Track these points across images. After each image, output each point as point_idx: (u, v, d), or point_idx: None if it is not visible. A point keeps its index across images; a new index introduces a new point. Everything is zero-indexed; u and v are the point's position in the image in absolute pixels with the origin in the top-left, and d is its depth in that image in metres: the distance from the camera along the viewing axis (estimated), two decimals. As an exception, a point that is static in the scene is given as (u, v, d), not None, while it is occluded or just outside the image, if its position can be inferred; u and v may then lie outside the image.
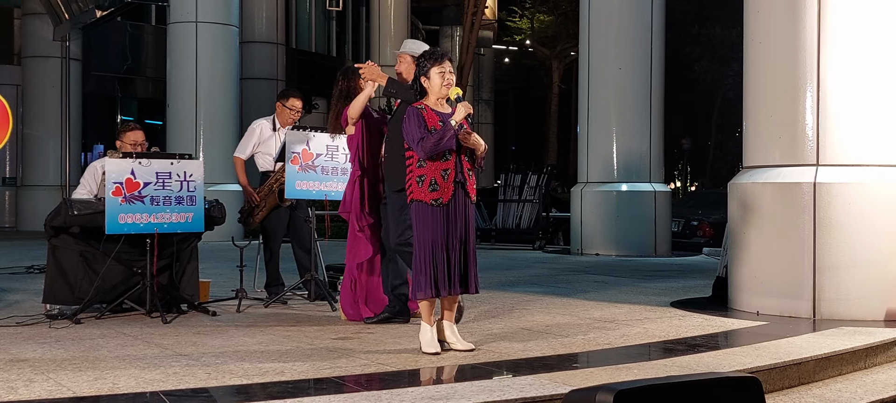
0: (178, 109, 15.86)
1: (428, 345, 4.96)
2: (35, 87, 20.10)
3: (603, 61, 13.16)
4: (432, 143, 4.86)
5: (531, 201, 15.72)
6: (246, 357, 4.85)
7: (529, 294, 7.89)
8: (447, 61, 5.08)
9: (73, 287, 6.28)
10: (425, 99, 5.07)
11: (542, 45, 33.07)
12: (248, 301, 6.98)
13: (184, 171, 6.26)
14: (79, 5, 18.84)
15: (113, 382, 4.22)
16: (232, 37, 16.22)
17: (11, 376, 4.30)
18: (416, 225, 4.99)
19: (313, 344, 5.28)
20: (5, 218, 21.27)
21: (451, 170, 4.96)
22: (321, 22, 27.14)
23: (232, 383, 4.27)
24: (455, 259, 4.96)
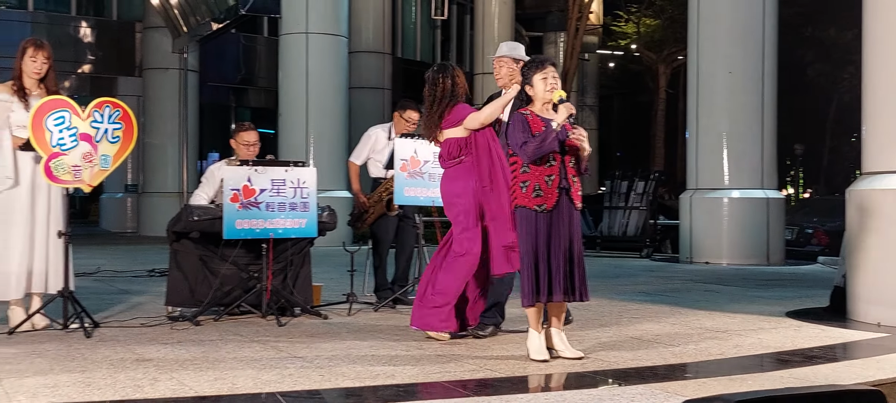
0: (289, 118, 16.28)
1: (536, 352, 4.97)
2: (155, 98, 20.96)
3: (712, 65, 12.90)
4: (535, 146, 4.86)
5: (638, 208, 15.52)
6: (357, 361, 4.95)
7: (638, 302, 7.80)
8: (549, 66, 5.06)
9: (193, 290, 6.53)
10: (530, 105, 5.07)
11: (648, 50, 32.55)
12: (359, 305, 7.11)
13: (297, 178, 6.44)
14: (196, 18, 19.55)
15: (232, 382, 4.37)
16: (341, 47, 16.56)
17: (137, 375, 4.50)
18: (520, 230, 4.99)
19: (422, 349, 5.35)
20: (127, 224, 22.23)
21: (556, 175, 4.94)
22: (426, 31, 27.42)
23: (344, 385, 4.37)
24: (559, 266, 4.94)
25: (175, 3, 20.03)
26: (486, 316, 5.85)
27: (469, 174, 5.66)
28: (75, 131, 5.75)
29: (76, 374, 4.48)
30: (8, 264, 5.78)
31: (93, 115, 5.84)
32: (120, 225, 22.34)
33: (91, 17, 22.04)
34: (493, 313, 5.88)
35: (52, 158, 5.67)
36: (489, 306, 5.85)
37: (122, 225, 22.34)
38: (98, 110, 5.86)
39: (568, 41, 26.88)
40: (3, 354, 5.01)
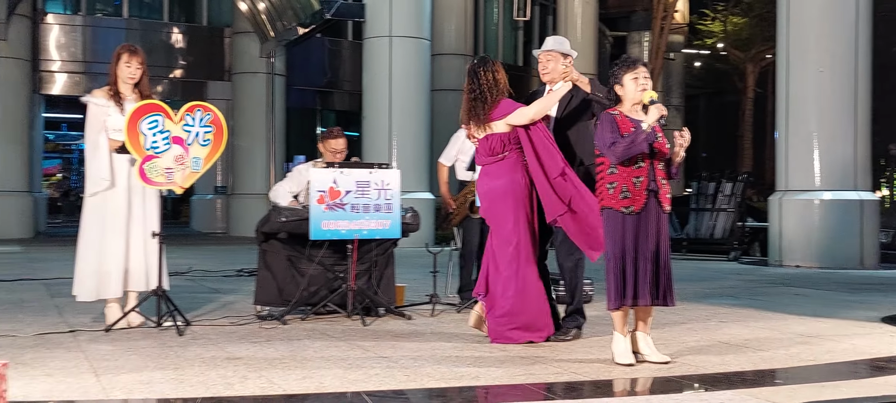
0: (373, 120, 16.46)
1: (621, 356, 4.92)
2: (243, 102, 21.44)
3: (802, 63, 12.58)
4: (624, 147, 4.79)
5: (726, 210, 15.23)
6: (442, 361, 4.98)
7: (725, 306, 7.66)
8: (640, 67, 4.99)
9: (281, 289, 6.66)
10: (619, 106, 5.01)
11: (735, 48, 31.90)
12: (442, 306, 7.15)
13: (381, 180, 6.51)
14: (283, 23, 19.91)
15: (319, 381, 4.44)
16: (424, 50, 16.67)
17: (228, 373, 4.61)
18: (607, 233, 4.94)
19: (506, 351, 5.35)
20: (217, 224, 22.77)
21: (644, 177, 4.87)
22: (508, 32, 27.37)
23: (429, 386, 4.40)
24: (646, 269, 4.88)
25: (263, 8, 20.44)
26: (567, 320, 5.81)
27: (514, 170, 5.59)
28: (168, 134, 5.92)
29: (169, 371, 4.62)
30: (107, 263, 5.99)
31: (184, 119, 6.01)
32: (210, 226, 22.90)
33: (182, 23, 22.64)
34: (574, 316, 5.83)
35: (145, 161, 5.85)
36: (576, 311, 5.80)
37: (211, 225, 22.89)
38: (190, 114, 6.03)
39: (653, 40, 26.53)
40: (100, 351, 5.19)
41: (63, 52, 20.63)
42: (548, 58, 5.76)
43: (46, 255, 13.35)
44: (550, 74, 5.74)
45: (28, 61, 19.37)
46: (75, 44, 20.68)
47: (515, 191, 5.59)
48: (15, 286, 8.83)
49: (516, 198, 5.59)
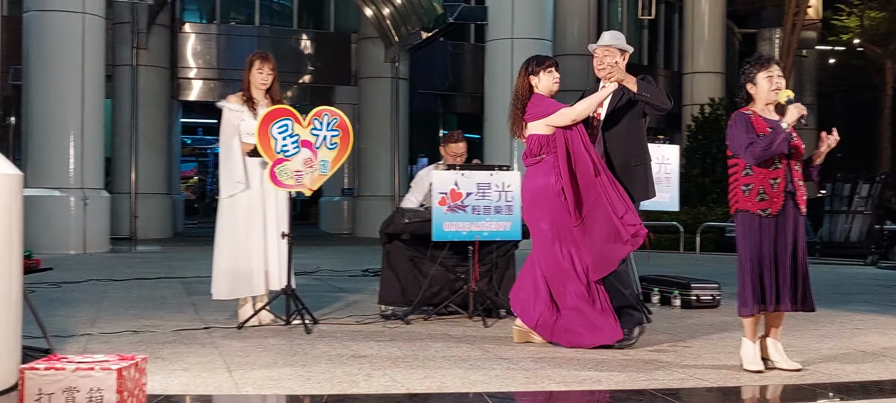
0: (494, 123, 16.51)
1: (750, 363, 4.79)
2: (369, 106, 21.87)
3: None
4: (762, 147, 4.65)
5: (862, 212, 14.60)
6: (563, 364, 4.97)
7: (862, 313, 7.35)
8: (774, 65, 4.84)
9: (404, 289, 6.77)
10: (752, 105, 4.88)
11: (872, 44, 30.53)
12: (564, 309, 7.10)
13: (502, 182, 6.54)
14: (407, 28, 20.21)
15: (441, 381, 4.50)
16: (545, 51, 16.59)
17: (353, 370, 4.73)
18: (741, 236, 4.81)
19: (628, 355, 5.29)
20: (344, 226, 23.30)
21: (782, 178, 4.74)
22: (633, 31, 26.96)
23: (550, 388, 4.39)
24: (786, 273, 4.73)
25: (387, 13, 20.79)
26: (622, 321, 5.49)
27: (549, 173, 5.47)
28: (297, 138, 6.11)
29: (297, 368, 4.77)
30: (246, 263, 6.22)
31: (313, 123, 6.19)
32: (337, 227, 23.43)
33: (311, 30, 23.26)
34: (627, 314, 5.50)
35: (276, 164, 6.06)
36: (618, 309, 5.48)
37: (338, 226, 23.43)
38: (317, 118, 6.21)
39: (784, 37, 25.67)
40: (233, 347, 5.40)
41: (199, 59, 21.51)
42: (604, 53, 5.63)
43: (184, 255, 13.97)
44: (605, 70, 5.59)
45: (167, 69, 20.29)
46: (210, 51, 21.53)
47: (548, 197, 5.48)
48: (155, 284, 9.27)
49: (549, 202, 5.48)
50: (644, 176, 5.61)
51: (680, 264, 12.78)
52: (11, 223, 4.03)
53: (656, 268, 10.12)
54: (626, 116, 5.58)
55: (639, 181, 5.59)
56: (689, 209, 17.99)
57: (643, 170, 5.62)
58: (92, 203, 14.19)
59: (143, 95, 19.36)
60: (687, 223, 17.17)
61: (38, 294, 7.53)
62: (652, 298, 7.81)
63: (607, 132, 5.61)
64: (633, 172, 5.55)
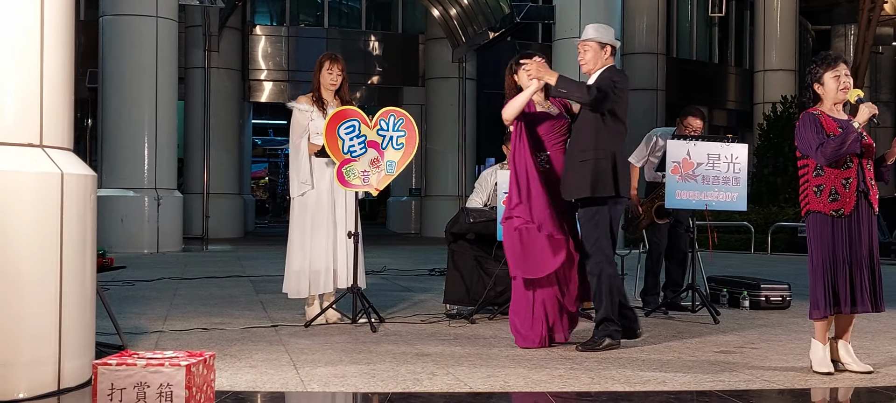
0: (562, 122, 16.40)
1: (820, 364, 4.70)
2: (436, 106, 21.96)
3: None
4: (834, 147, 4.57)
5: (942, 213, 14.16)
6: (627, 365, 4.93)
7: (939, 315, 7.13)
8: (841, 64, 4.75)
9: (469, 289, 6.79)
10: (820, 104, 4.79)
11: (954, 39, 29.58)
12: (629, 309, 7.05)
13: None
14: (474, 28, 20.24)
15: (504, 380, 4.51)
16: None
17: (417, 369, 4.77)
18: (813, 237, 4.72)
19: (694, 356, 5.23)
20: (411, 225, 23.44)
21: (853, 178, 4.64)
22: (703, 29, 26.56)
23: (614, 389, 4.37)
24: (862, 275, 4.64)
25: (454, 14, 20.85)
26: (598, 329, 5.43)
27: None
28: (364, 139, 6.18)
29: (362, 365, 4.83)
30: (314, 262, 6.30)
31: (379, 124, 6.25)
32: (404, 227, 23.58)
33: (379, 31, 23.45)
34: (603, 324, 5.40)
35: (344, 164, 6.13)
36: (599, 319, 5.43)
37: (406, 226, 23.57)
38: (384, 119, 6.27)
39: (859, 34, 25.01)
40: (300, 345, 5.49)
41: (269, 61, 21.86)
42: (584, 47, 5.59)
43: (254, 254, 14.21)
44: (588, 65, 5.57)
45: (238, 71, 20.66)
46: (280, 53, 21.86)
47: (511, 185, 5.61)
48: (225, 282, 9.45)
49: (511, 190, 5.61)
50: (588, 172, 5.37)
51: (750, 264, 12.56)
52: (86, 222, 4.17)
53: (725, 269, 9.98)
54: (583, 111, 5.49)
55: (579, 175, 5.39)
56: (760, 209, 17.66)
57: (588, 166, 5.38)
58: (165, 203, 14.54)
59: (214, 97, 19.75)
60: (758, 223, 16.87)
61: (111, 291, 7.75)
62: (720, 299, 7.70)
63: (573, 126, 5.61)
64: (576, 167, 5.42)
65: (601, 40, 5.56)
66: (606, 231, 5.43)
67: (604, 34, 5.59)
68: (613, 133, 5.46)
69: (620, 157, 5.50)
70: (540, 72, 5.42)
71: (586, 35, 5.63)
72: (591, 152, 5.39)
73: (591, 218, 5.45)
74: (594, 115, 5.42)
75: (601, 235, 5.41)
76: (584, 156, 5.40)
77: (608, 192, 5.39)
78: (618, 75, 5.53)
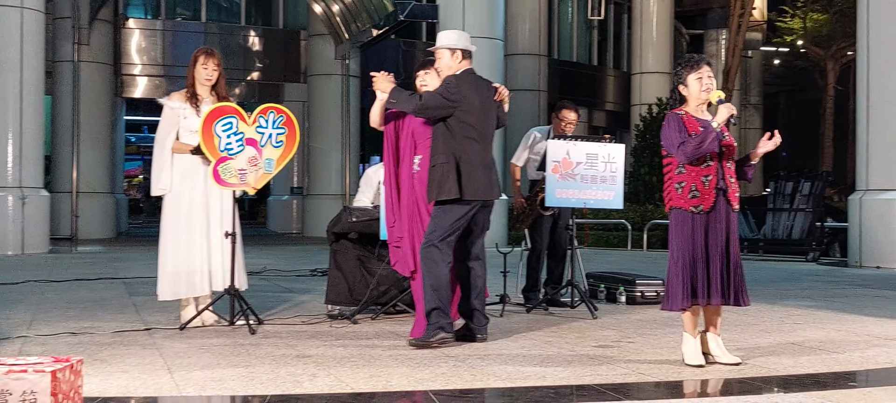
0: (445, 121, 16.49)
1: (691, 357, 4.85)
2: (318, 103, 21.73)
3: (884, 60, 12.22)
4: (694, 146, 4.74)
5: (804, 210, 14.89)
6: (509, 361, 4.98)
7: (801, 308, 7.49)
8: (704, 66, 4.93)
9: (351, 289, 6.73)
10: (684, 105, 4.96)
11: (815, 45, 31.17)
12: (511, 306, 7.14)
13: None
14: (357, 25, 20.13)
15: (387, 380, 4.48)
16: (497, 50, 16.66)
17: (297, 371, 4.68)
18: (675, 232, 4.89)
19: (574, 351, 5.32)
20: (293, 225, 23.14)
21: (713, 176, 4.82)
22: (583, 31, 27.19)
23: (496, 386, 4.40)
24: (716, 269, 4.81)
25: (337, 10, 20.69)
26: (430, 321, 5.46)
27: None
28: (242, 136, 6.03)
29: (240, 368, 4.71)
30: (189, 263, 6.12)
31: (258, 121, 6.11)
32: (286, 227, 23.26)
33: (259, 26, 23.06)
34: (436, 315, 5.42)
35: (220, 162, 5.97)
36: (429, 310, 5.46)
37: (287, 226, 23.26)
38: (263, 116, 6.14)
39: (730, 38, 26.09)
40: (175, 348, 5.32)
41: (143, 55, 21.20)
42: (437, 54, 5.70)
43: (126, 255, 13.75)
44: (442, 72, 5.67)
45: (109, 65, 19.95)
46: (155, 47, 21.25)
47: None
48: (96, 284, 9.10)
49: None
50: (437, 176, 5.46)
51: (627, 261, 12.91)
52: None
53: (603, 265, 10.21)
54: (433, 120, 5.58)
55: (430, 179, 5.52)
56: (636, 207, 18.20)
57: (439, 170, 5.47)
58: (30, 202, 13.91)
59: (84, 92, 19.03)
60: (634, 221, 17.37)
61: (-26, 295, 7.34)
62: (598, 294, 7.87)
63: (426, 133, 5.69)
64: (431, 172, 5.52)
65: (451, 46, 5.62)
66: (446, 229, 5.44)
67: (455, 40, 5.65)
68: (460, 137, 5.50)
69: (467, 161, 5.48)
70: (379, 85, 5.62)
71: (438, 42, 5.69)
72: (438, 157, 5.49)
73: (436, 215, 5.50)
74: (440, 125, 5.52)
75: (437, 230, 5.44)
76: (433, 162, 5.51)
77: (452, 195, 5.42)
78: (453, 82, 5.52)
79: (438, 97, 5.49)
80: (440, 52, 5.65)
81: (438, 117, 5.51)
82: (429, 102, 5.49)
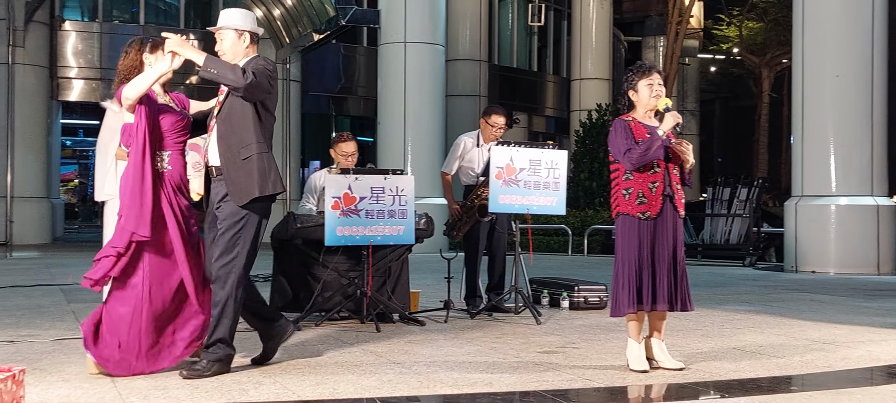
0: (387, 126, 16.51)
1: (635, 362, 4.92)
2: (258, 108, 21.50)
3: (818, 68, 12.54)
4: (639, 154, 4.81)
5: (741, 215, 15.18)
6: (455, 367, 4.99)
7: (740, 312, 7.64)
8: (655, 73, 5.01)
9: (296, 295, 6.68)
10: (632, 112, 5.03)
11: (750, 53, 31.85)
12: (455, 312, 7.16)
13: (396, 186, 6.53)
14: (298, 30, 19.99)
15: (333, 387, 4.46)
16: (438, 55, 16.71)
17: (242, 378, 4.64)
18: (621, 238, 4.95)
19: (519, 357, 5.35)
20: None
21: (660, 182, 4.89)
22: (523, 37, 27.38)
23: (442, 392, 4.41)
24: (663, 274, 4.89)
25: (278, 14, 20.52)
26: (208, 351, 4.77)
27: None
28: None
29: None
30: None
31: (201, 126, 6.02)
32: (225, 232, 22.95)
33: (198, 29, 22.75)
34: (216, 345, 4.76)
35: (162, 168, 5.86)
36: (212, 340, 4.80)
37: (226, 231, 22.95)
38: (205, 121, 6.05)
39: (667, 45, 26.53)
40: (117, 356, 5.21)
41: (80, 58, 20.77)
42: (220, 36, 4.93)
43: (64, 261, 13.44)
44: (226, 56, 4.89)
45: (45, 68, 19.52)
46: (92, 50, 20.82)
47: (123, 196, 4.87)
48: (32, 291, 8.89)
49: None
50: (253, 168, 4.77)
51: (568, 266, 13.03)
52: None
53: (545, 271, 10.30)
54: (238, 105, 4.81)
55: (246, 175, 4.76)
56: (577, 212, 18.38)
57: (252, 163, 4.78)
58: (-36, 207, 13.53)
59: (19, 95, 18.59)
60: (575, 226, 17.54)
61: None
62: (541, 300, 7.93)
63: (220, 123, 4.89)
64: (241, 166, 4.78)
65: (238, 27, 4.89)
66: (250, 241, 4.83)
67: (241, 20, 4.92)
68: (267, 128, 4.88)
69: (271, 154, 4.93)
70: (183, 47, 4.73)
71: (221, 22, 4.93)
72: (253, 147, 4.76)
73: (234, 224, 4.79)
74: (249, 107, 4.78)
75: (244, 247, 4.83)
76: (247, 153, 4.76)
77: (277, 189, 4.84)
78: (271, 64, 4.88)
79: (264, 77, 4.73)
80: (224, 32, 4.89)
81: (257, 97, 4.77)
82: (260, 80, 4.69)
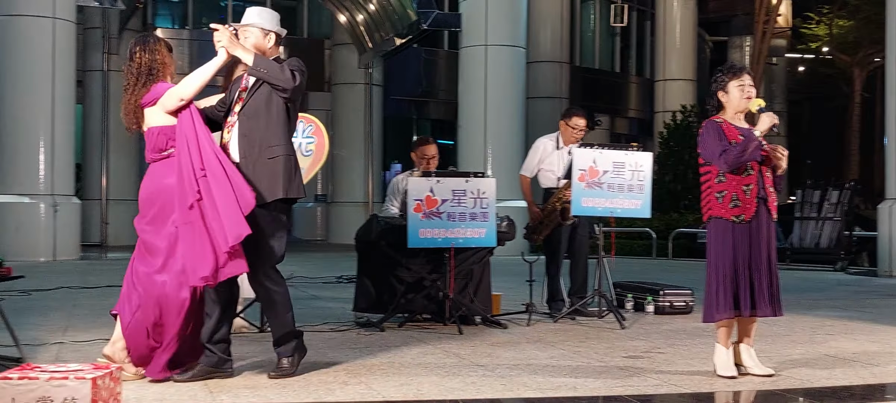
0: (468, 129, 16.56)
1: (723, 368, 4.83)
2: (342, 112, 21.83)
3: (914, 67, 12.12)
4: (736, 155, 4.72)
5: (831, 219, 14.78)
6: (538, 371, 4.98)
7: (832, 318, 7.44)
8: (746, 74, 4.92)
9: (379, 296, 6.76)
10: (722, 112, 4.94)
11: (841, 52, 30.95)
12: (538, 315, 7.14)
13: (477, 189, 6.55)
14: (380, 34, 20.21)
15: (417, 388, 4.50)
16: (519, 58, 16.69)
17: (328, 378, 4.71)
18: (714, 242, 4.86)
19: (603, 362, 5.32)
20: (317, 232, 23.23)
21: (754, 185, 4.80)
22: (605, 38, 27.14)
23: (526, 395, 4.41)
24: (761, 279, 4.79)
25: (361, 20, 20.78)
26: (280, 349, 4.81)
27: None
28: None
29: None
30: None
31: (288, 131, 6.15)
32: (310, 234, 23.35)
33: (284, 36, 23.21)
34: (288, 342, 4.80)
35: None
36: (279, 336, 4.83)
37: (312, 233, 23.34)
38: (292, 125, 6.17)
39: (754, 45, 25.96)
40: (208, 355, 5.35)
41: (171, 65, 21.34)
42: (245, 33, 4.81)
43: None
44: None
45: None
46: (182, 56, 21.34)
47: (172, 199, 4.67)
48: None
49: None
50: (280, 168, 4.68)
51: (653, 270, 12.87)
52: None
53: (629, 274, 10.18)
54: (264, 102, 4.72)
55: (271, 174, 4.67)
56: (661, 215, 18.13)
57: (280, 162, 4.68)
58: (62, 209, 14.06)
59: (114, 101, 19.19)
60: (659, 229, 17.31)
61: (7, 302, 7.42)
62: (626, 304, 7.86)
63: (244, 119, 4.75)
64: (266, 165, 4.68)
65: (264, 26, 4.83)
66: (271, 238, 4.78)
67: (267, 20, 4.88)
68: (292, 128, 4.85)
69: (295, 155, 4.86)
70: (233, 46, 4.66)
71: (247, 19, 4.85)
72: (281, 148, 4.69)
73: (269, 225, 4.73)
74: (282, 106, 4.71)
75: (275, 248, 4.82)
76: (273, 153, 4.68)
77: (300, 194, 4.81)
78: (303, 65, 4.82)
79: (304, 79, 4.71)
80: (249, 30, 4.80)
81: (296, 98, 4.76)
82: (303, 81, 4.66)
